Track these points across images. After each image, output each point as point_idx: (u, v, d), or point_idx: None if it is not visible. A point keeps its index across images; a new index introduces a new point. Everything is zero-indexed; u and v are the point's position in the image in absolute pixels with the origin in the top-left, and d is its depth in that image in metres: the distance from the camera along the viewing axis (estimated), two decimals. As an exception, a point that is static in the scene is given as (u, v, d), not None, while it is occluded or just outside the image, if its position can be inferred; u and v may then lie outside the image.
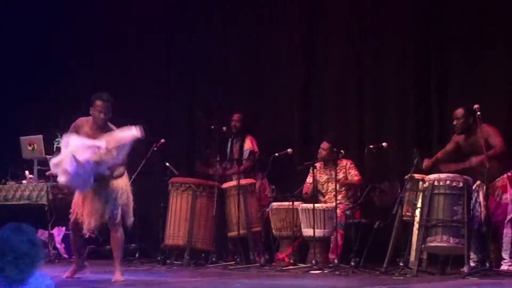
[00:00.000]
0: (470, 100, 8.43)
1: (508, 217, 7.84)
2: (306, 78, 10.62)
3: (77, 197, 7.47)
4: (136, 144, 7.48)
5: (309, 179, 9.53)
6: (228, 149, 10.19)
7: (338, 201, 8.93)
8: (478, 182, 8.05)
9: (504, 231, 7.85)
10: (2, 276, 3.34)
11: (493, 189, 7.92)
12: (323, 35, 10.58)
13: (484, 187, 7.86)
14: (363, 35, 10.23)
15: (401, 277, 7.53)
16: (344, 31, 10.39)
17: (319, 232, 8.98)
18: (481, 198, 7.93)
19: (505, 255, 7.82)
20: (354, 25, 10.31)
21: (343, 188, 9.38)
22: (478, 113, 7.81)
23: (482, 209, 7.88)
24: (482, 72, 9.30)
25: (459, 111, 8.13)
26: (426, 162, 8.18)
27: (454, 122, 8.18)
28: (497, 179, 7.93)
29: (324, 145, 9.51)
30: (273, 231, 9.45)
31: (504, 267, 7.77)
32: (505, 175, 7.95)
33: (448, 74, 9.54)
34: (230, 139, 10.20)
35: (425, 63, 9.69)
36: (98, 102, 7.36)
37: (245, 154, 10.04)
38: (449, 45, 9.55)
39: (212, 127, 10.09)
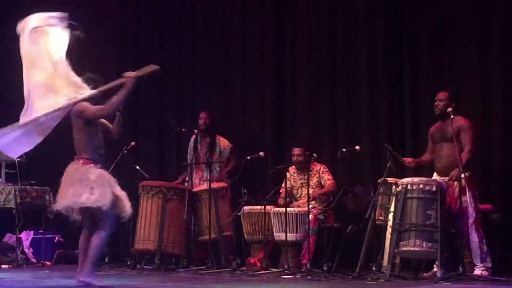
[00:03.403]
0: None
1: (470, 221, 7.80)
2: (278, 80, 10.57)
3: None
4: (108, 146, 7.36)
5: (284, 184, 9.50)
6: (191, 150, 10.07)
7: (311, 205, 8.87)
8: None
9: (470, 237, 7.80)
10: None
11: (450, 186, 7.86)
12: (294, 34, 10.52)
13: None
14: (334, 35, 10.19)
15: (374, 282, 7.49)
16: (315, 32, 10.35)
17: (291, 237, 8.91)
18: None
19: (476, 260, 7.78)
20: (325, 26, 10.27)
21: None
22: (452, 116, 7.84)
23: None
24: (454, 75, 9.30)
25: (444, 94, 8.14)
26: (407, 160, 8.17)
27: (436, 103, 8.16)
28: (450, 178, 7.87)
29: (296, 151, 9.45)
30: (245, 235, 9.38)
31: (477, 272, 7.73)
32: (462, 175, 7.87)
33: (421, 78, 9.51)
34: (192, 140, 10.10)
35: (398, 67, 9.66)
36: None
37: (225, 153, 10.00)
38: (421, 47, 9.55)
39: (183, 129, 10.03)
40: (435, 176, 8.11)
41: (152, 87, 11.56)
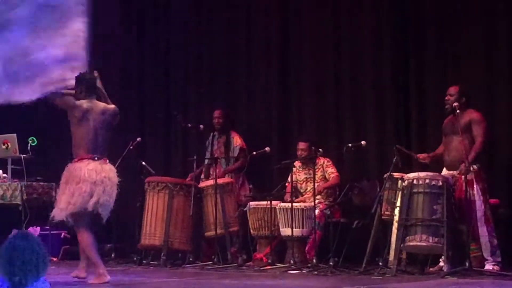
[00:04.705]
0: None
1: (479, 215, 7.77)
2: (283, 75, 10.55)
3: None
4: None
5: (290, 179, 9.48)
6: (209, 147, 10.07)
7: (317, 200, 8.87)
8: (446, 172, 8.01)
9: (480, 230, 7.78)
10: (9, 281, 3.61)
11: (457, 179, 7.83)
12: (299, 29, 10.51)
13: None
14: (340, 29, 10.17)
15: (380, 277, 7.50)
16: (320, 27, 10.33)
17: (297, 232, 8.90)
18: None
19: (486, 255, 7.76)
20: (330, 21, 10.25)
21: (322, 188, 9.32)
22: (458, 111, 7.83)
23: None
24: (460, 69, 9.27)
25: (454, 88, 8.10)
26: (421, 156, 8.14)
27: (446, 98, 8.12)
28: (459, 171, 7.82)
29: (301, 145, 9.43)
30: (251, 230, 9.37)
31: (488, 266, 7.71)
32: (470, 168, 7.83)
33: (427, 72, 9.49)
34: (210, 137, 10.10)
35: (403, 61, 9.63)
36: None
37: (235, 151, 9.94)
38: (427, 42, 9.51)
39: (189, 125, 10.02)
40: (444, 170, 8.07)
41: (158, 82, 11.57)
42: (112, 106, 7.41)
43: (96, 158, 7.13)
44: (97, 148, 7.17)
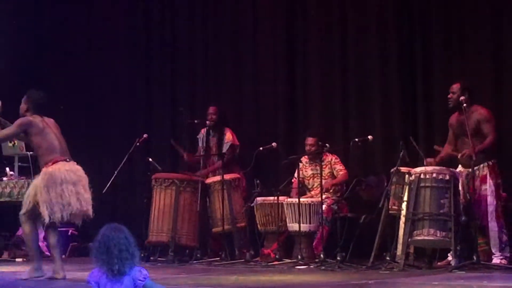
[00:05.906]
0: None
1: (490, 209, 7.76)
2: (290, 70, 10.55)
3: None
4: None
5: (296, 174, 9.46)
6: (202, 142, 10.05)
7: (324, 196, 8.86)
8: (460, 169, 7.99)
9: (490, 225, 7.77)
10: (107, 269, 3.90)
11: (472, 176, 7.81)
12: (305, 24, 10.50)
13: (464, 175, 7.81)
14: (346, 24, 10.16)
15: (388, 272, 7.49)
16: (326, 22, 10.32)
17: (304, 227, 8.90)
18: (460, 187, 7.83)
19: (494, 249, 7.75)
20: (336, 16, 10.24)
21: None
22: (465, 104, 7.80)
23: (461, 197, 7.78)
24: (467, 64, 9.25)
25: (456, 85, 8.09)
26: (428, 161, 8.10)
27: (449, 96, 8.12)
28: (476, 167, 7.79)
29: (310, 140, 9.42)
30: (258, 226, 9.37)
31: (496, 260, 7.71)
32: (485, 163, 7.84)
33: (434, 67, 9.47)
34: (204, 132, 10.07)
35: (410, 55, 9.62)
36: None
37: (226, 147, 9.93)
38: (434, 36, 9.50)
39: (195, 121, 10.03)
40: (459, 168, 8.06)
41: (165, 79, 11.57)
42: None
43: (67, 160, 7.40)
44: (64, 152, 7.45)
